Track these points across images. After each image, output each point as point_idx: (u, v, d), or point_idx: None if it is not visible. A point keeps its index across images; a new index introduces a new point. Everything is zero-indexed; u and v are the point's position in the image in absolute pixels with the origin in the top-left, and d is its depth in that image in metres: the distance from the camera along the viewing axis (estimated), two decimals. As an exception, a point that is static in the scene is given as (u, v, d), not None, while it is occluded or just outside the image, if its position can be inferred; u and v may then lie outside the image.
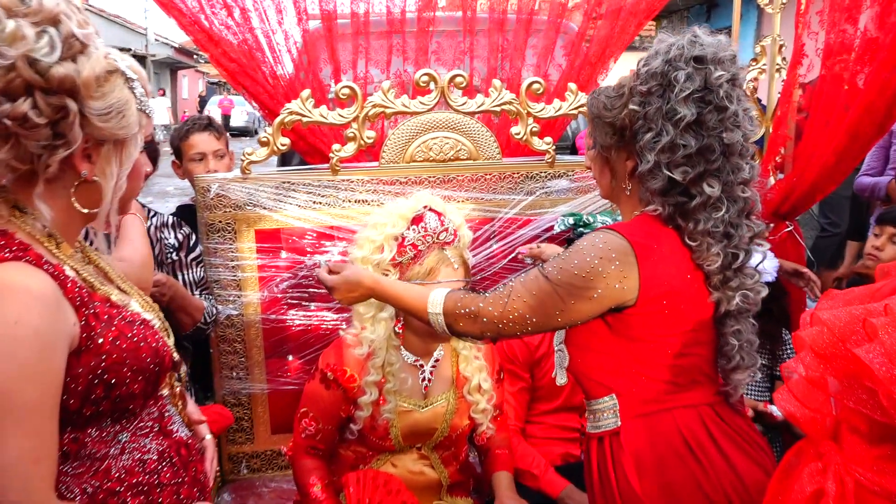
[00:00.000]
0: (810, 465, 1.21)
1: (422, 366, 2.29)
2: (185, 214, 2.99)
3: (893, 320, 1.05)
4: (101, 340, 1.27)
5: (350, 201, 2.74)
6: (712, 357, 1.73)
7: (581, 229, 2.59)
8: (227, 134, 3.39)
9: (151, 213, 2.77)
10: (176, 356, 1.47)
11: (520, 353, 2.59)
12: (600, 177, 1.84)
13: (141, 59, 26.39)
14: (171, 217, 2.85)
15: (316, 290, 2.76)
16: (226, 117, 26.12)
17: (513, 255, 2.75)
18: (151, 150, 2.68)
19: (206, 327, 2.71)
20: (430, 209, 2.15)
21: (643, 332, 1.65)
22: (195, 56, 31.18)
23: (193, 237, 2.79)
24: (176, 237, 2.77)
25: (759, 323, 2.83)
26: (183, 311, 2.60)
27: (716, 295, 1.67)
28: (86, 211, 1.32)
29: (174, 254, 2.74)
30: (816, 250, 5.53)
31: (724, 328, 1.70)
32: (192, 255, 2.76)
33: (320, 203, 2.72)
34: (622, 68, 2.79)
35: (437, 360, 2.31)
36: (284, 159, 3.98)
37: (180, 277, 2.72)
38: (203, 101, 31.79)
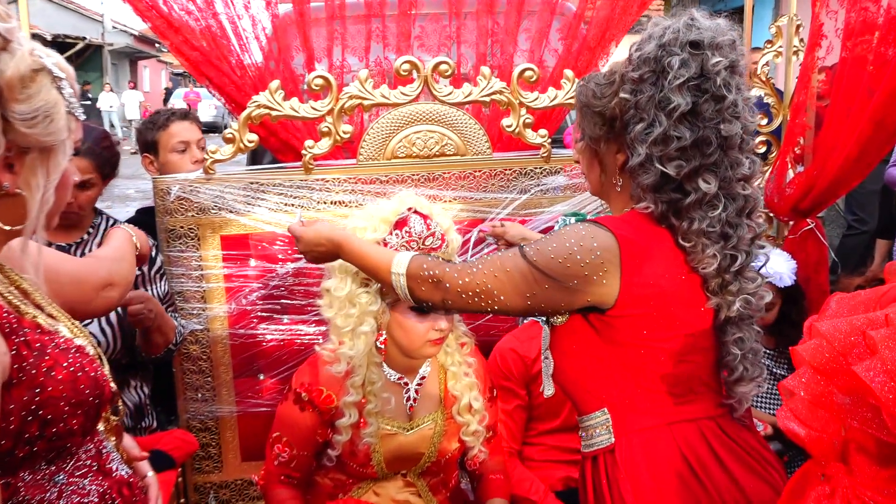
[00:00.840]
0: (817, 489, 1.21)
1: (406, 384, 2.29)
2: (146, 218, 2.97)
3: (894, 332, 1.04)
4: (34, 371, 1.24)
5: (325, 203, 2.74)
6: (712, 366, 1.75)
7: None
8: None
9: (111, 222, 2.77)
10: (114, 386, 1.45)
11: (515, 368, 2.59)
12: (589, 171, 1.86)
13: (97, 49, 26.38)
14: None
15: (289, 302, 2.75)
16: (192, 112, 26.04)
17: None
18: (111, 155, 2.66)
19: (175, 348, 2.70)
20: (415, 212, 2.15)
21: (631, 337, 1.67)
22: (157, 45, 31.14)
23: (156, 248, 2.78)
24: (137, 250, 2.76)
25: (778, 329, 2.88)
26: (159, 331, 2.59)
27: (714, 300, 1.68)
28: (7, 228, 1.29)
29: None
30: (843, 250, 5.56)
31: (725, 336, 1.71)
32: (156, 268, 2.75)
33: (293, 205, 2.72)
34: (625, 53, 2.79)
35: (422, 378, 2.31)
36: (254, 157, 3.97)
37: (143, 293, 2.71)
38: (169, 95, 31.71)
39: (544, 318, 1.85)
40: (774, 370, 2.95)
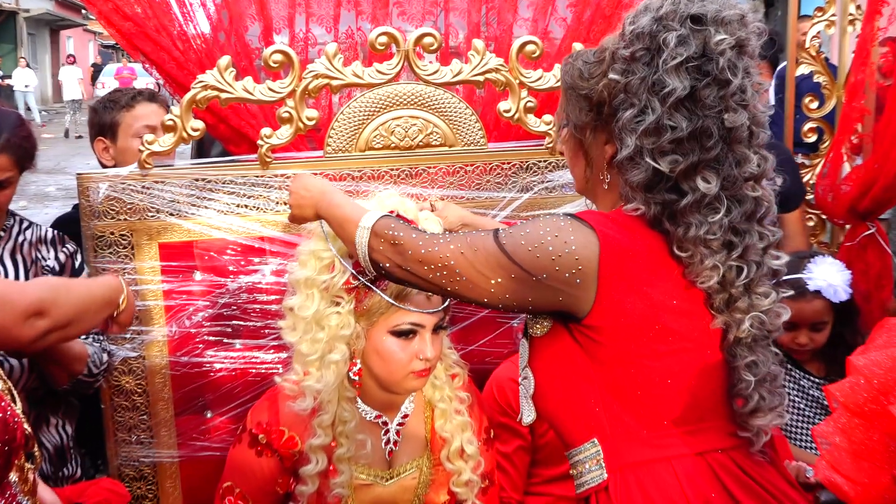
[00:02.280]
0: None
1: (385, 423, 2.28)
2: (72, 223, 2.95)
3: None
4: None
5: (286, 203, 2.72)
6: (722, 391, 1.76)
7: None
8: None
9: (25, 225, 2.75)
10: (28, 428, 1.44)
11: (515, 402, 2.58)
12: (573, 165, 1.91)
13: (10, 16, 26.31)
14: (50, 231, 2.82)
15: (242, 324, 2.74)
16: (126, 92, 25.96)
17: None
18: (31, 146, 2.64)
19: (91, 380, 2.67)
20: (398, 216, 2.14)
21: (617, 354, 1.70)
22: (83, 11, 31.10)
23: (80, 256, 2.77)
24: (56, 257, 2.74)
25: (831, 353, 2.88)
26: (55, 363, 2.56)
27: (720, 319, 1.71)
28: None
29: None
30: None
31: (736, 360, 1.73)
32: (80, 282, 2.74)
33: (247, 206, 2.71)
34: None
35: (405, 416, 2.31)
36: (201, 149, 3.96)
37: (62, 310, 2.69)
38: (98, 72, 31.61)
39: (523, 332, 1.88)
40: (825, 402, 2.94)
